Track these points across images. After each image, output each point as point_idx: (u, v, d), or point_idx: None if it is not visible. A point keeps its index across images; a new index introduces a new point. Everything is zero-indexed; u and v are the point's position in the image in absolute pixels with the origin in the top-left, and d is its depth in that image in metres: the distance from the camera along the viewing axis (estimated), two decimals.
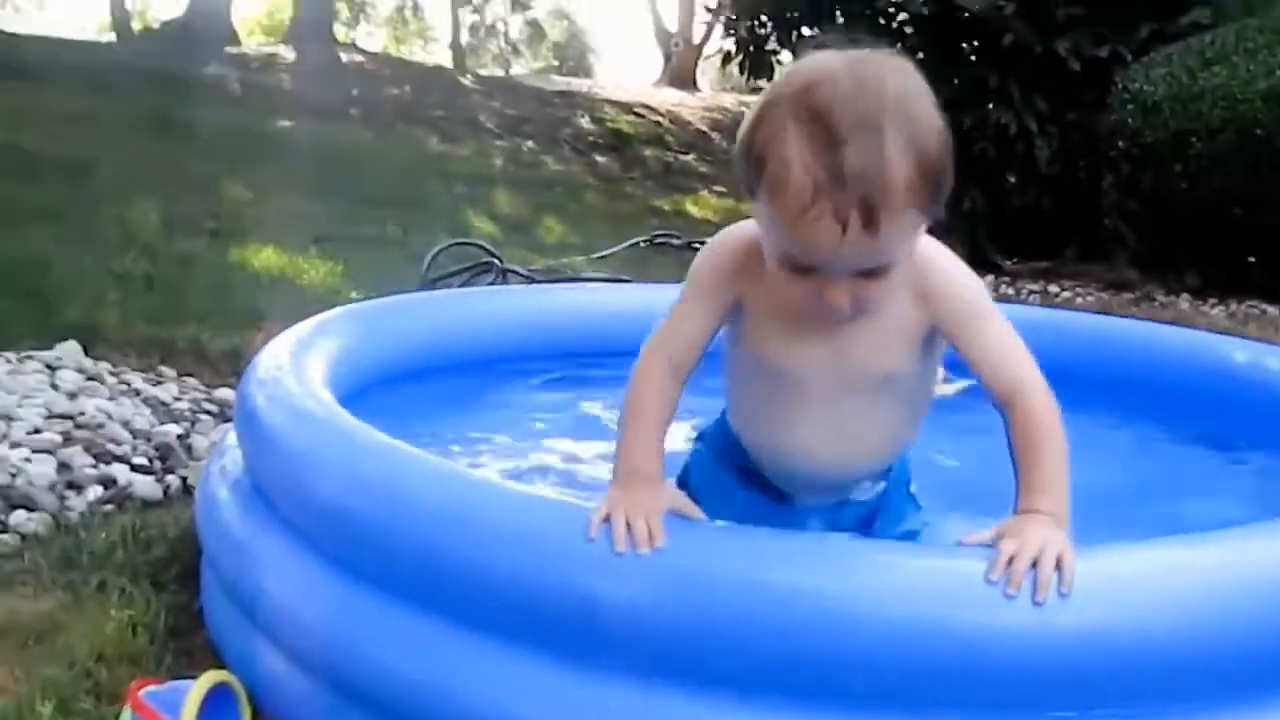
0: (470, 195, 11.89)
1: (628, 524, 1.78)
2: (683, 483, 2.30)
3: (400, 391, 2.94)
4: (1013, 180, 8.25)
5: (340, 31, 26.23)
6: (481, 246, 6.74)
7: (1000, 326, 1.94)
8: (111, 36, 23.50)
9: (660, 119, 20.38)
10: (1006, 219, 8.47)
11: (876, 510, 2.20)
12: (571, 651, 1.80)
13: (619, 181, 15.31)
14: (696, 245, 2.21)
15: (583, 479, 2.80)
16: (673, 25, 31.74)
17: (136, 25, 22.87)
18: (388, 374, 3.01)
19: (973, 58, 7.89)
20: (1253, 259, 6.91)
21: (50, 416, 3.62)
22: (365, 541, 2.02)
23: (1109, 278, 7.95)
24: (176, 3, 22.95)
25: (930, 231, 1.87)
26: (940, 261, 1.93)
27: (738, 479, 2.22)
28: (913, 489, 2.29)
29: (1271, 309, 6.88)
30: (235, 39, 21.47)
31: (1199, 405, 3.45)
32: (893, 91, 1.69)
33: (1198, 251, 7.10)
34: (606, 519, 1.80)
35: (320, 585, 2.08)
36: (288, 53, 20.20)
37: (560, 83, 24.81)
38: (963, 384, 3.51)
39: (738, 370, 2.11)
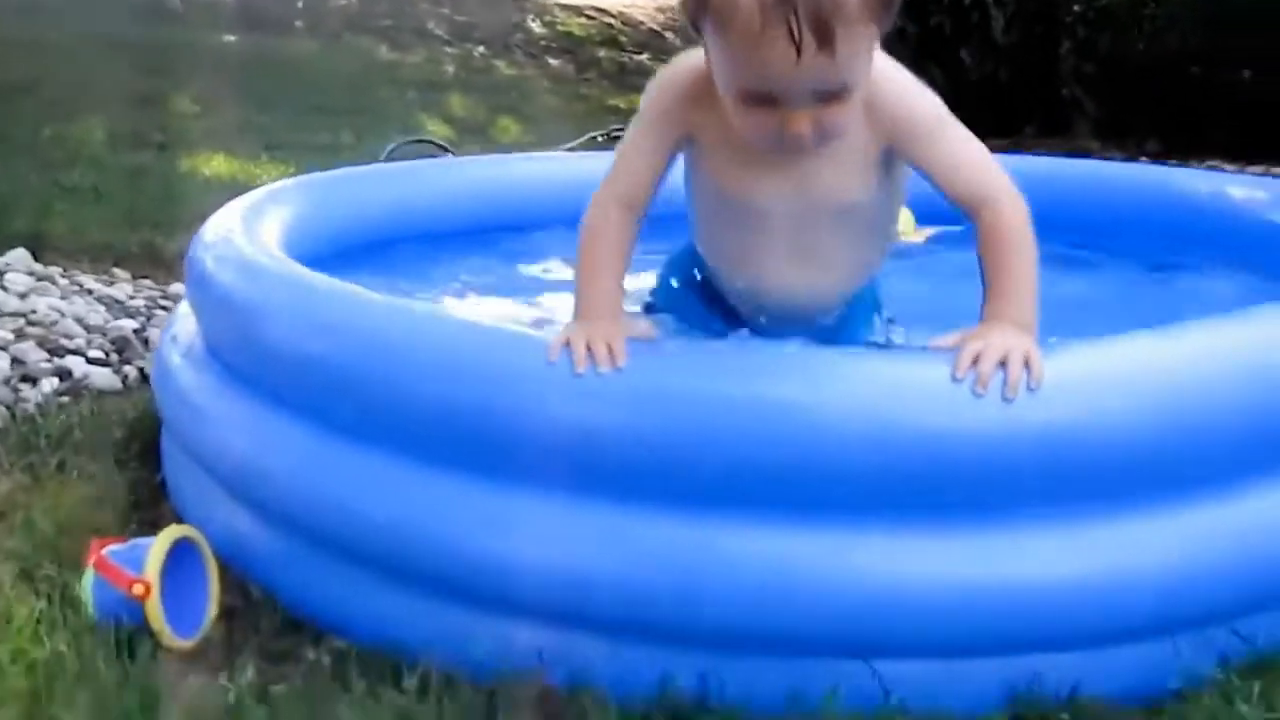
0: (423, 101, 11.69)
1: (588, 347, 1.75)
2: (649, 308, 2.27)
3: (353, 259, 2.87)
4: (969, 53, 8.18)
5: None
6: (436, 143, 6.63)
7: (958, 135, 1.89)
8: None
9: (612, 20, 20.09)
10: (965, 94, 8.36)
11: (837, 331, 2.16)
12: (540, 478, 1.78)
13: (574, 83, 15.06)
14: None
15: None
16: None
17: None
18: (339, 242, 2.94)
19: None
20: (1211, 118, 6.87)
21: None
22: (326, 385, 1.98)
23: (1069, 149, 7.91)
24: None
25: None
26: (890, 77, 1.87)
27: (705, 305, 2.19)
28: (887, 315, 2.26)
29: (1230, 168, 6.87)
30: None
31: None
32: None
33: (1156, 115, 7.05)
34: (567, 344, 1.76)
35: (282, 435, 2.05)
36: None
37: None
38: (930, 231, 3.51)
39: (700, 199, 2.07)
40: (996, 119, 8.48)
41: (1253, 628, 1.81)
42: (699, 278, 2.21)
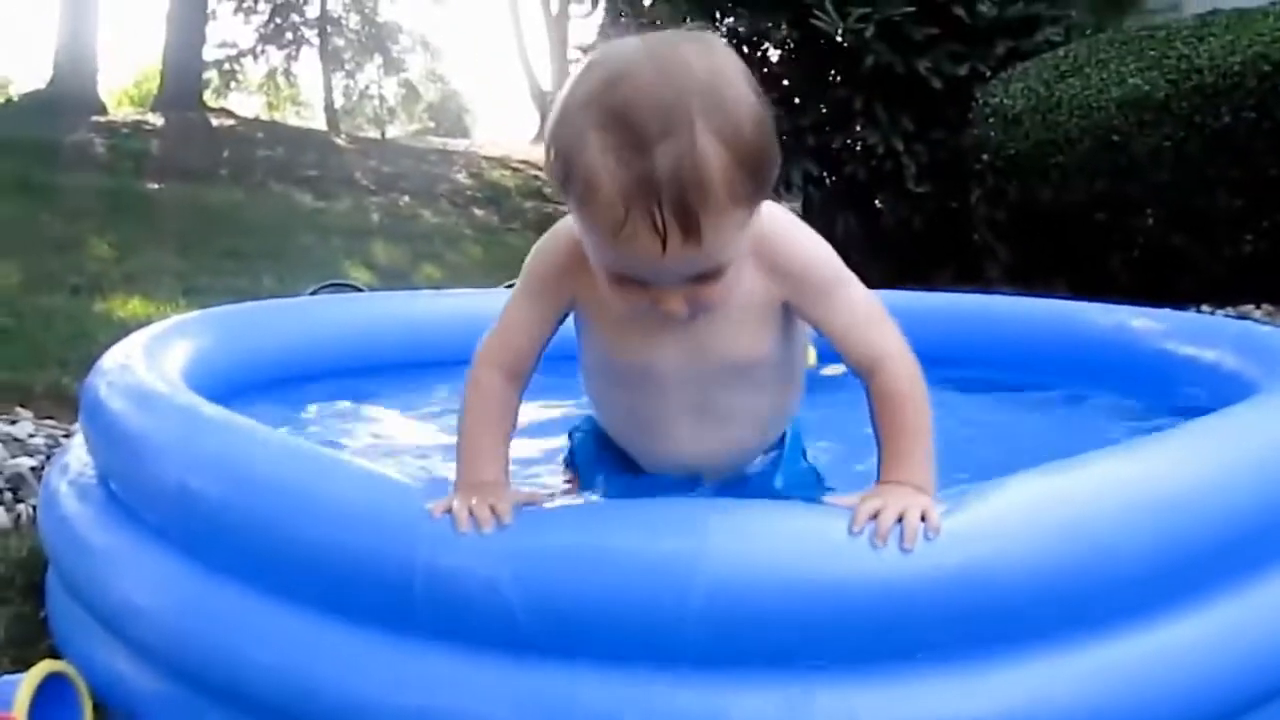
0: (347, 248, 11.76)
1: (470, 511, 1.67)
2: (568, 464, 2.22)
3: (258, 392, 2.82)
4: (884, 201, 8.36)
5: (211, 99, 25.89)
6: (352, 285, 6.61)
7: (856, 295, 1.85)
8: None
9: (538, 173, 20.40)
10: (881, 241, 8.56)
11: (773, 476, 2.09)
12: (421, 629, 1.71)
13: (498, 232, 15.27)
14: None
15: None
16: (548, 84, 31.94)
17: None
18: (244, 375, 2.89)
19: (837, 78, 7.98)
20: (1116, 261, 7.04)
21: None
22: (208, 521, 1.91)
23: (982, 292, 8.06)
24: (41, 76, 22.45)
25: None
26: (786, 232, 1.83)
27: (620, 460, 2.11)
28: (809, 458, 2.20)
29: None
30: (103, 109, 21.04)
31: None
32: (699, 75, 1.55)
33: (1065, 258, 7.22)
34: (448, 511, 1.69)
35: (165, 573, 1.97)
36: (156, 119, 19.90)
37: (437, 143, 24.80)
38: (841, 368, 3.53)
39: (592, 370, 2.01)
40: (911, 264, 8.67)
41: None
42: (612, 444, 2.13)
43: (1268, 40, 6.49)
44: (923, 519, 1.62)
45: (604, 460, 2.16)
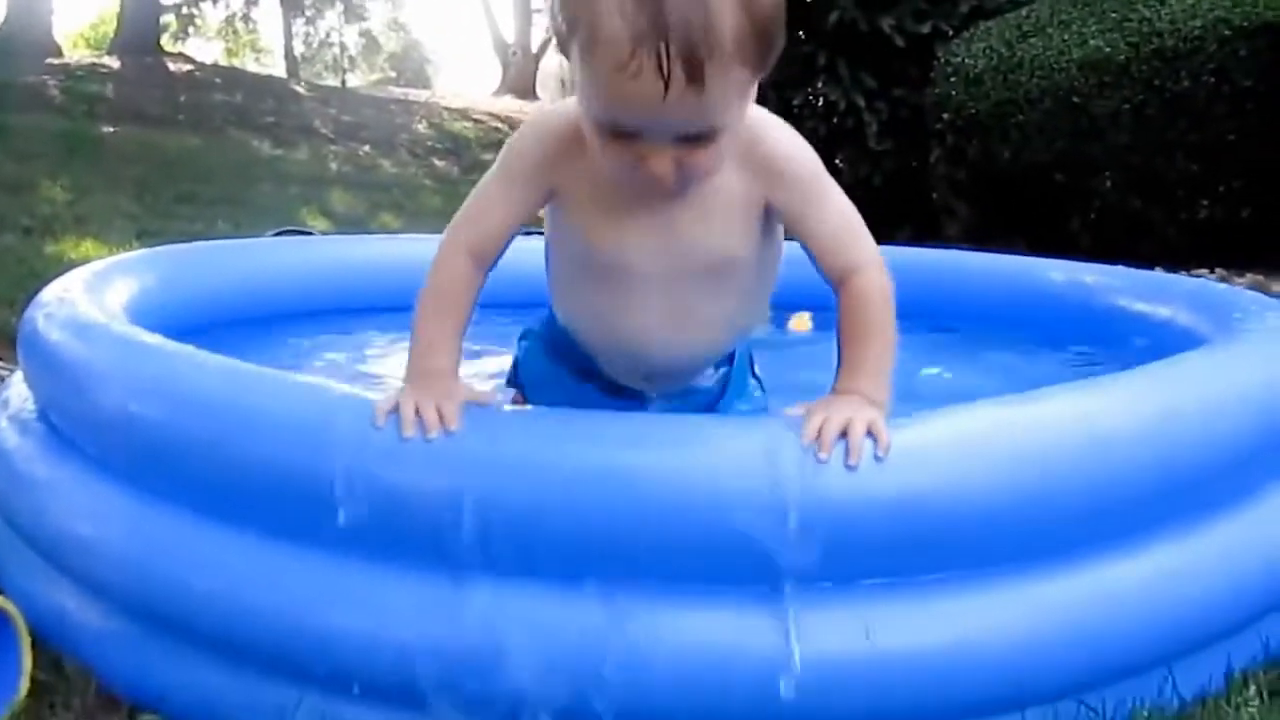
0: (304, 195, 11.64)
1: (417, 411, 1.67)
2: (512, 381, 2.19)
3: (200, 332, 2.77)
4: (844, 158, 8.36)
5: (169, 43, 25.53)
6: (304, 230, 6.54)
7: (838, 203, 1.83)
8: None
9: (500, 125, 20.29)
10: None
11: (719, 396, 2.09)
12: (363, 546, 1.70)
13: (456, 183, 15.12)
14: None
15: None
16: (510, 36, 31.70)
17: None
18: (186, 313, 2.85)
19: (800, 34, 7.96)
20: (1075, 222, 7.08)
21: None
22: (145, 447, 1.89)
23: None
24: None
25: None
26: (774, 132, 1.81)
27: (572, 374, 2.09)
28: (757, 371, 2.19)
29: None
30: (58, 51, 20.69)
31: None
32: None
33: (1023, 218, 7.25)
34: (396, 409, 1.68)
35: (107, 503, 1.95)
36: (113, 63, 19.61)
37: (398, 93, 24.59)
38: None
39: (562, 261, 1.97)
40: (871, 222, 8.66)
41: (1102, 699, 1.78)
42: (564, 347, 2.10)
43: (1228, 5, 6.52)
44: (871, 434, 1.63)
45: (551, 371, 2.13)
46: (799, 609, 1.63)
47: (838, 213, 1.82)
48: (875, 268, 1.81)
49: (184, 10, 28.94)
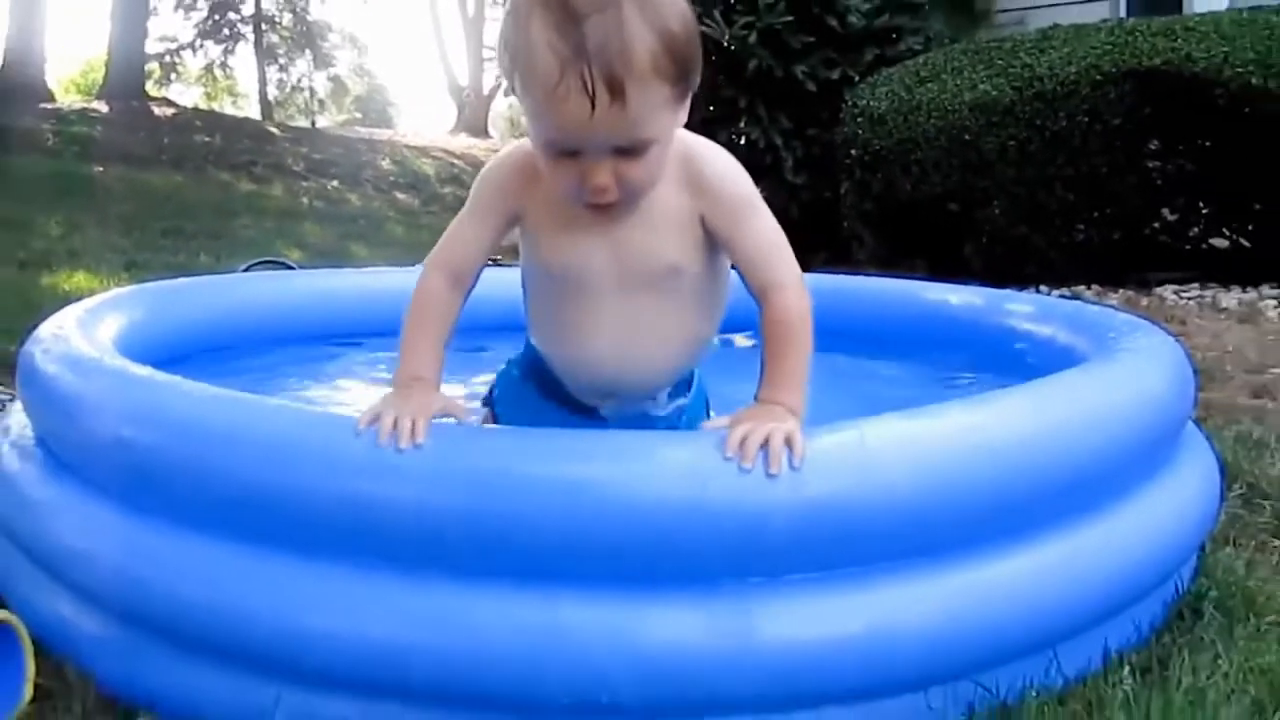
0: (279, 228, 11.51)
1: (394, 422, 1.69)
2: (486, 400, 2.20)
3: (186, 362, 2.74)
4: (765, 190, 8.35)
5: (153, 89, 25.17)
6: (284, 262, 6.46)
7: (766, 224, 1.84)
8: None
9: (456, 161, 20.19)
10: None
11: (677, 425, 2.08)
12: (338, 552, 1.70)
13: (418, 214, 15.03)
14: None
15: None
16: (464, 80, 31.55)
17: None
18: (175, 345, 2.81)
19: (723, 80, 7.99)
20: (968, 247, 7.14)
21: None
22: (138, 469, 1.87)
23: (851, 273, 8.11)
24: None
25: None
26: (709, 154, 1.83)
27: (540, 393, 2.09)
28: (711, 413, 2.16)
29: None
30: (50, 96, 20.33)
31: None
32: None
33: (923, 245, 7.30)
34: (377, 418, 1.70)
35: (100, 520, 1.91)
36: (101, 107, 19.31)
37: (363, 132, 24.40)
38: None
39: (530, 284, 1.99)
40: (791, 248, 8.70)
41: (996, 679, 1.80)
42: (538, 370, 2.10)
43: (1099, 54, 6.63)
44: (789, 444, 1.66)
45: (523, 391, 2.13)
46: (735, 604, 1.66)
47: (764, 232, 1.83)
48: (796, 287, 1.82)
49: (166, 58, 28.52)
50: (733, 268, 1.88)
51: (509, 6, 1.69)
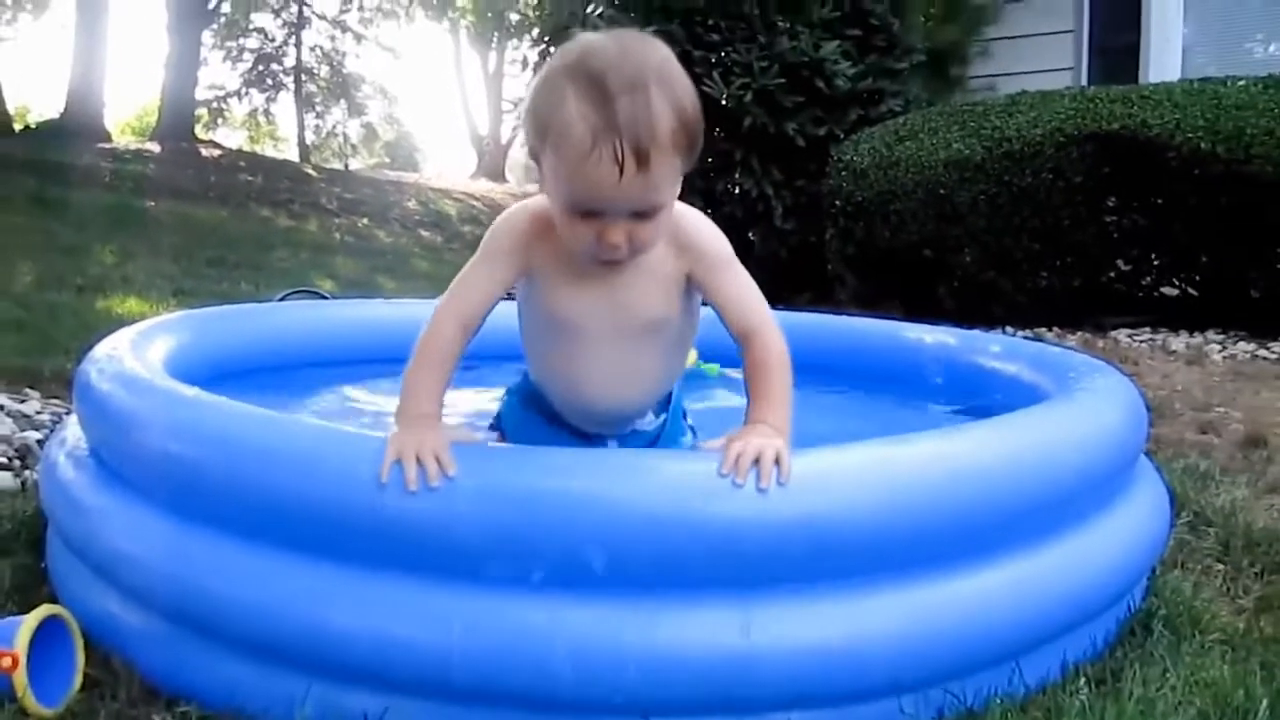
0: (314, 260, 11.53)
1: (418, 460, 1.68)
2: (494, 427, 2.21)
3: (229, 383, 2.74)
4: (756, 235, 8.41)
5: (201, 132, 25.26)
6: (318, 292, 6.48)
7: (741, 275, 1.92)
8: None
9: (475, 202, 20.24)
10: (752, 268, 8.53)
11: (658, 437, 2.15)
12: (374, 561, 1.70)
13: (440, 250, 15.05)
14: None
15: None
16: (484, 129, 31.70)
17: (18, 125, 21.44)
18: (218, 367, 2.81)
19: (721, 135, 8.03)
20: (941, 290, 7.15)
21: None
22: (184, 481, 1.87)
23: (835, 312, 8.13)
24: (55, 107, 21.69)
25: None
26: (692, 216, 1.90)
27: (542, 419, 2.13)
28: (689, 421, 2.23)
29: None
30: (108, 137, 20.41)
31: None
32: (654, 59, 1.68)
33: (900, 288, 7.31)
34: (397, 462, 1.69)
35: (147, 526, 1.92)
36: (154, 148, 19.37)
37: (391, 175, 24.47)
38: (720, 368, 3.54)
39: (531, 328, 2.02)
40: (779, 288, 8.74)
41: (963, 687, 1.80)
42: (537, 399, 2.14)
43: (1063, 117, 6.65)
44: (778, 461, 1.68)
45: (527, 418, 2.16)
46: (735, 608, 1.67)
47: (740, 283, 1.91)
48: (771, 328, 1.89)
49: (214, 104, 28.62)
50: (716, 312, 1.92)
51: (541, 79, 1.72)
